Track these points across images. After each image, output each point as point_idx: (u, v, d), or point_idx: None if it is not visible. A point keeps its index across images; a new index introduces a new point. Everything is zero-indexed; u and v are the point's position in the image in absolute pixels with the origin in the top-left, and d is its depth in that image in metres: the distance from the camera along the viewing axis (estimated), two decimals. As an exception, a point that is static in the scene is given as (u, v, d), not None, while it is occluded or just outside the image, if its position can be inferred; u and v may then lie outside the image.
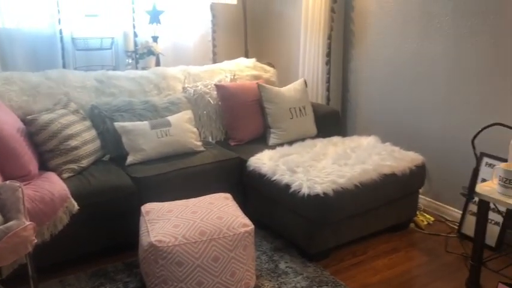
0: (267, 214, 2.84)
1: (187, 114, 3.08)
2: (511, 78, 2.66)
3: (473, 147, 2.16)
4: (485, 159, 2.82)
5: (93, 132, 2.82)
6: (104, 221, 2.54)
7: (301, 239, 2.60)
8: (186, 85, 3.37)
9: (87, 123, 2.83)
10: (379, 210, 2.72)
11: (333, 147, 3.01)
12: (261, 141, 3.27)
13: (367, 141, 3.07)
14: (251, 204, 2.94)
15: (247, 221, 2.26)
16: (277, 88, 3.41)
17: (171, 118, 2.98)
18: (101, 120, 2.91)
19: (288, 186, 2.54)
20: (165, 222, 2.19)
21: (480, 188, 2.26)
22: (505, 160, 2.51)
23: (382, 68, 3.43)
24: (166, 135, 2.87)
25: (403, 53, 3.25)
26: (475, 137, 2.13)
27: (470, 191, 2.23)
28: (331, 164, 2.71)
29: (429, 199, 3.20)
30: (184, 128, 2.97)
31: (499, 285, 2.07)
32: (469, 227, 2.86)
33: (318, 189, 2.43)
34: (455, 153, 3.01)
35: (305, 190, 2.45)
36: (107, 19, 3.72)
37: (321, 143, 3.10)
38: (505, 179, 2.18)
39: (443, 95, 3.03)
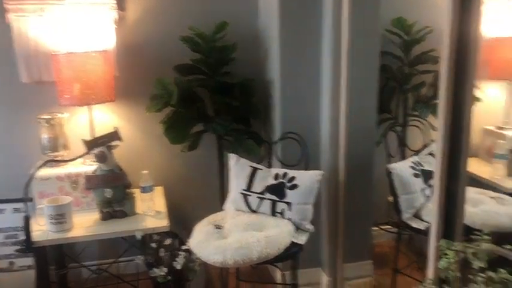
0: None
1: None
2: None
3: (26, 194, 1.90)
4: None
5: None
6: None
7: None
8: None
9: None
10: None
11: None
12: None
13: None
14: None
15: None
16: None
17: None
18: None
19: None
20: None
21: (35, 235, 2.04)
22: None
23: None
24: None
25: None
26: (27, 183, 1.88)
27: (28, 243, 1.97)
28: None
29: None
30: None
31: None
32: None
33: None
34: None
35: None
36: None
37: None
38: (56, 216, 2.07)
39: None
